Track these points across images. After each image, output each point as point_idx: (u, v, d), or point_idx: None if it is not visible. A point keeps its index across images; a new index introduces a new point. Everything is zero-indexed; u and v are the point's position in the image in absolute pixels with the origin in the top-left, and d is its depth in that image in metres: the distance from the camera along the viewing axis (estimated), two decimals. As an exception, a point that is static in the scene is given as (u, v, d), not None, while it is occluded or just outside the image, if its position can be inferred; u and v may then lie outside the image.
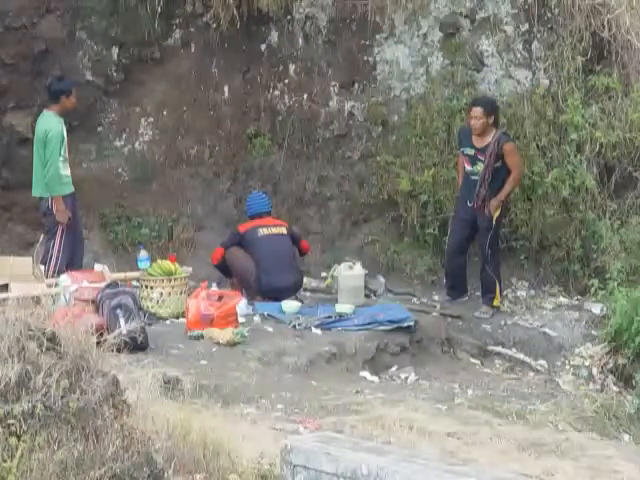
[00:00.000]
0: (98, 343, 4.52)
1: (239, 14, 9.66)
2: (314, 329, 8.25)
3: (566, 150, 9.66)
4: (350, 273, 9.10)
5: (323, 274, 9.74)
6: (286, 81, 10.23)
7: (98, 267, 8.61)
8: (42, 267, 8.40)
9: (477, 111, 9.00)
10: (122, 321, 7.24)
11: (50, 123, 8.68)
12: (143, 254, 8.76)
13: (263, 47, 10.20)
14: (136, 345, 6.95)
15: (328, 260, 9.90)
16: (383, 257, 9.94)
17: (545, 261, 9.81)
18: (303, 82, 10.22)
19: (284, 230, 9.22)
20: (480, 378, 8.11)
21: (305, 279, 9.44)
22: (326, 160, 10.22)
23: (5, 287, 7.79)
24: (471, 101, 9.46)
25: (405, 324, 8.44)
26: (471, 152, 9.07)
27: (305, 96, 10.22)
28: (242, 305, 8.35)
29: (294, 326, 8.26)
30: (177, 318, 8.29)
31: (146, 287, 8.42)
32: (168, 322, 8.26)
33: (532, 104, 9.76)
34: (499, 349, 8.85)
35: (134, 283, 8.54)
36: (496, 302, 9.22)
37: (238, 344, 7.66)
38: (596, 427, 6.84)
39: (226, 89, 10.22)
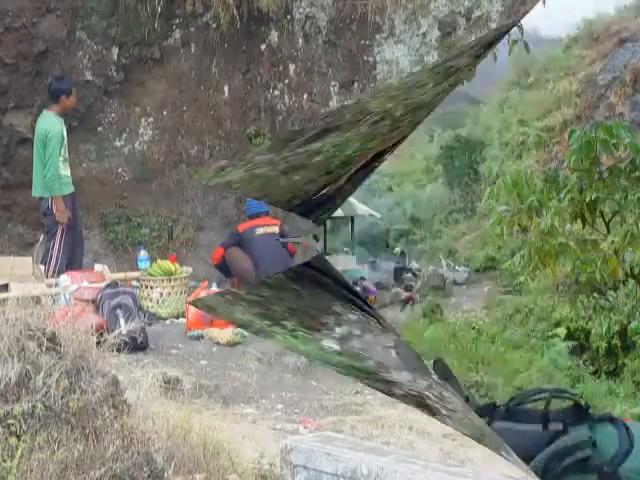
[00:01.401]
0: (98, 343, 4.52)
1: (239, 14, 9.66)
2: (314, 329, 8.24)
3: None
4: (350, 273, 9.12)
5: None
6: (286, 81, 10.23)
7: (98, 267, 8.61)
8: (42, 267, 8.39)
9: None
10: (122, 321, 7.25)
11: (50, 123, 8.68)
12: (143, 254, 8.77)
13: (263, 47, 10.20)
14: (136, 345, 6.95)
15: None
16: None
17: None
18: (303, 82, 10.22)
19: (276, 229, 9.26)
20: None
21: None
22: (326, 160, 10.21)
23: (5, 287, 7.78)
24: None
25: (405, 324, 8.45)
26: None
27: (305, 96, 10.23)
28: (242, 305, 8.33)
29: (294, 326, 8.26)
30: (177, 318, 8.30)
31: (146, 287, 8.42)
32: (168, 322, 8.27)
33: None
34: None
35: (134, 283, 8.54)
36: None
37: (238, 344, 7.66)
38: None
39: (226, 89, 10.22)
